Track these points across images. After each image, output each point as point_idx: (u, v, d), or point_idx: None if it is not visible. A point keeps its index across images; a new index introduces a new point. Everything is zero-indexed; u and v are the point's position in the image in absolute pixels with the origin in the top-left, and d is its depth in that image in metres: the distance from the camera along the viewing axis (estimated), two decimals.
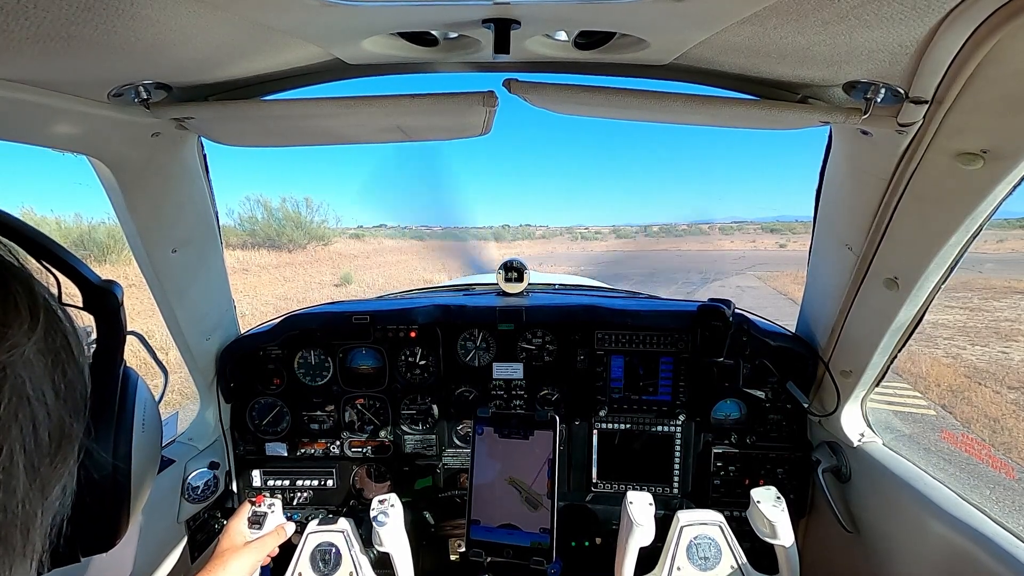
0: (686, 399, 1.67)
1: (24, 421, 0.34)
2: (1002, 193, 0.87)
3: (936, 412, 7.21)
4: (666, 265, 26.68)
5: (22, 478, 0.33)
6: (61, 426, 0.37)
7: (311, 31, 0.81)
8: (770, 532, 1.30)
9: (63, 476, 0.38)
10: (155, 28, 0.68)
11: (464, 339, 1.76)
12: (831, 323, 1.42)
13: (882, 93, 0.85)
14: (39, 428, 0.35)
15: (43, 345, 0.37)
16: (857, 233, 1.18)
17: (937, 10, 0.63)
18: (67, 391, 0.39)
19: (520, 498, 1.34)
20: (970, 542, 1.07)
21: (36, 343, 0.36)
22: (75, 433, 0.39)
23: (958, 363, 9.09)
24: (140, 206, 1.20)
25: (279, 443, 1.76)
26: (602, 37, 0.87)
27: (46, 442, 0.36)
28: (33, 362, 0.36)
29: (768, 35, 0.75)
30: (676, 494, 1.70)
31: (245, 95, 1.04)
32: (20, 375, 0.34)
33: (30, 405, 0.34)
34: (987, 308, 13.19)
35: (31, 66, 0.74)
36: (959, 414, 7.12)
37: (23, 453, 0.33)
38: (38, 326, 0.37)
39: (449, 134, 1.26)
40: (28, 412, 0.34)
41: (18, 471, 0.33)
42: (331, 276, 20.16)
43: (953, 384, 8.05)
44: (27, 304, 0.37)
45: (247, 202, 23.86)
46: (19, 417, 0.33)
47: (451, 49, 0.91)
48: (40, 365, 0.36)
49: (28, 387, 0.34)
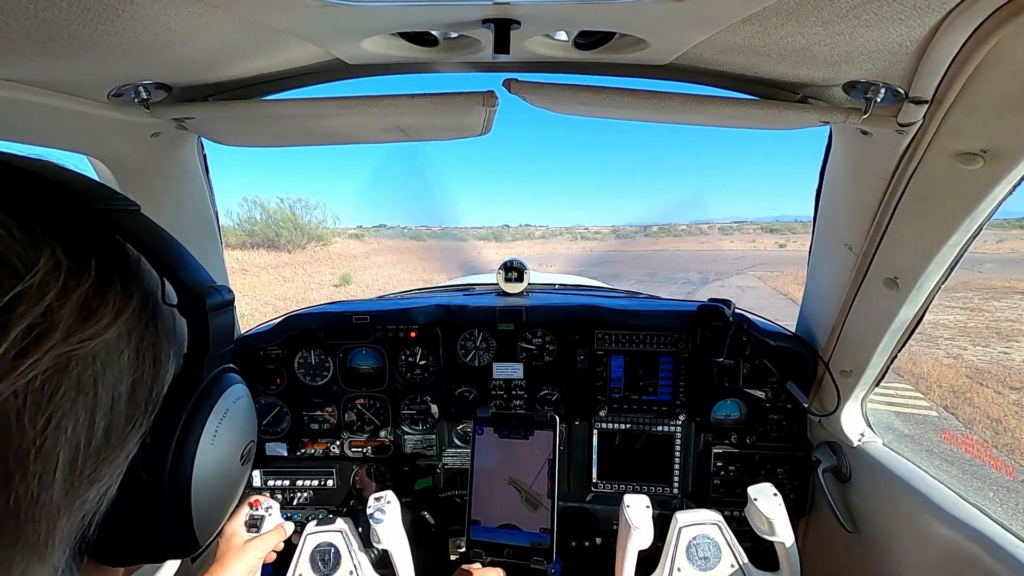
0: (686, 399, 1.67)
1: (80, 415, 0.32)
2: (1002, 193, 0.87)
3: (938, 413, 7.17)
4: (666, 265, 26.67)
5: (58, 475, 0.32)
6: (117, 429, 0.36)
7: (311, 31, 0.81)
8: (768, 529, 1.30)
9: (104, 479, 0.36)
10: (155, 28, 0.68)
11: (464, 339, 1.76)
12: (831, 323, 1.42)
13: (882, 93, 0.85)
14: (95, 426, 0.34)
15: (127, 342, 0.36)
16: (857, 233, 1.18)
17: (937, 10, 0.63)
18: (137, 394, 0.37)
19: (520, 498, 1.33)
20: (970, 542, 1.07)
21: (119, 338, 0.35)
22: (130, 438, 0.37)
23: (959, 364, 9.08)
24: (140, 206, 1.19)
25: (279, 443, 1.76)
26: (602, 37, 0.87)
27: (98, 441, 0.34)
28: (110, 356, 0.34)
29: (768, 35, 0.75)
30: (676, 494, 1.70)
31: (245, 95, 1.04)
32: (90, 367, 0.33)
33: (91, 400, 0.33)
34: (988, 308, 13.19)
35: (31, 66, 0.74)
36: (961, 415, 7.10)
37: (68, 448, 0.32)
38: (123, 320, 0.36)
39: (449, 134, 1.26)
40: (87, 407, 0.33)
41: (56, 466, 0.31)
42: (331, 276, 20.16)
43: (955, 385, 8.04)
44: (123, 295, 0.36)
45: (245, 203, 23.87)
46: (75, 410, 0.32)
47: (451, 49, 0.91)
48: (116, 362, 0.35)
49: (95, 382, 0.33)
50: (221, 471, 0.46)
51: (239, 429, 0.48)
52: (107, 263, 0.36)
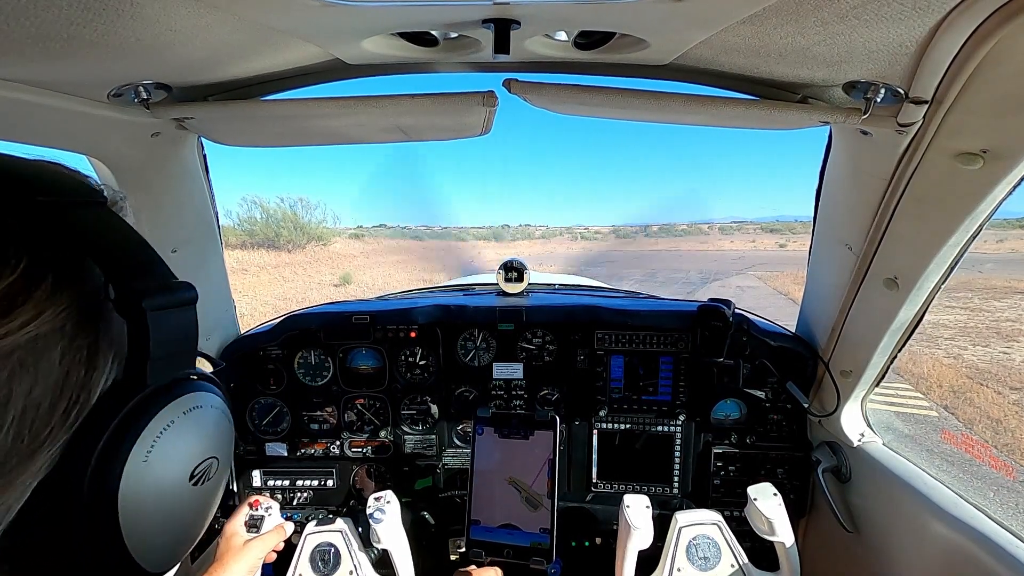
0: (686, 399, 1.67)
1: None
2: (1002, 193, 0.87)
3: (938, 413, 7.13)
4: (666, 265, 26.64)
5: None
6: (29, 438, 0.33)
7: (311, 31, 0.81)
8: (768, 529, 1.30)
9: (6, 494, 0.33)
10: (155, 28, 0.68)
11: (464, 339, 1.76)
12: (831, 323, 1.42)
13: (882, 93, 0.85)
14: (2, 430, 0.31)
15: (52, 343, 0.34)
16: (857, 233, 1.18)
17: (937, 10, 0.63)
18: (59, 400, 0.34)
19: (520, 498, 1.34)
20: (970, 542, 1.07)
21: (42, 339, 0.33)
22: (43, 450, 0.34)
23: (959, 364, 9.05)
24: (140, 206, 1.20)
25: (279, 443, 1.76)
26: (602, 37, 0.87)
27: (3, 449, 0.31)
28: (28, 357, 0.32)
29: (768, 35, 0.75)
30: (676, 494, 1.70)
31: (245, 95, 1.04)
32: (3, 368, 0.31)
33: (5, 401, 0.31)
34: (988, 308, 13.16)
35: (31, 66, 0.74)
36: (961, 415, 7.06)
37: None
38: (47, 320, 0.33)
39: (449, 134, 1.26)
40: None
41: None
42: (331, 276, 20.15)
43: (955, 385, 8.01)
44: (52, 293, 0.34)
45: (245, 203, 23.84)
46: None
47: (451, 49, 0.91)
48: (35, 363, 0.33)
49: (7, 382, 0.31)
50: (161, 492, 0.40)
51: (189, 444, 0.42)
52: (40, 259, 0.34)
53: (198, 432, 0.43)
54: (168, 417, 0.40)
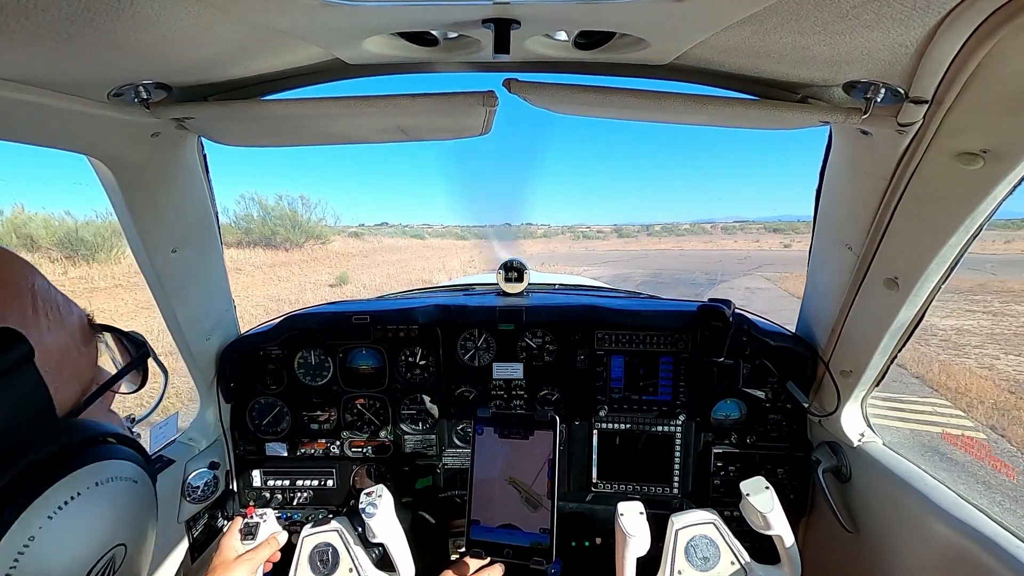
0: (686, 399, 1.67)
1: None
2: (1002, 193, 0.87)
3: (987, 435, 6.15)
4: (670, 265, 26.45)
5: None
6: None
7: (311, 31, 0.81)
8: (763, 523, 1.29)
9: None
10: (155, 28, 0.68)
11: (464, 339, 1.76)
12: (831, 323, 1.42)
13: (882, 93, 0.85)
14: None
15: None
16: (857, 233, 1.18)
17: (937, 10, 0.63)
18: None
19: (520, 498, 1.33)
20: (970, 542, 1.07)
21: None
22: None
23: (996, 375, 8.05)
24: (140, 206, 1.20)
25: (279, 443, 1.76)
26: (602, 37, 0.87)
27: None
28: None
29: (768, 35, 0.75)
30: (676, 494, 1.70)
31: (245, 95, 1.04)
32: None
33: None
34: (1010, 312, 12.63)
35: (31, 66, 0.74)
36: (1013, 437, 6.03)
37: None
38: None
39: (449, 134, 1.26)
40: None
41: None
42: (327, 276, 20.05)
43: (998, 401, 7.04)
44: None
45: (243, 200, 23.67)
46: None
47: (451, 49, 0.91)
48: None
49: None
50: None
51: (79, 535, 0.33)
52: None
53: (93, 516, 0.33)
54: (45, 510, 0.31)
